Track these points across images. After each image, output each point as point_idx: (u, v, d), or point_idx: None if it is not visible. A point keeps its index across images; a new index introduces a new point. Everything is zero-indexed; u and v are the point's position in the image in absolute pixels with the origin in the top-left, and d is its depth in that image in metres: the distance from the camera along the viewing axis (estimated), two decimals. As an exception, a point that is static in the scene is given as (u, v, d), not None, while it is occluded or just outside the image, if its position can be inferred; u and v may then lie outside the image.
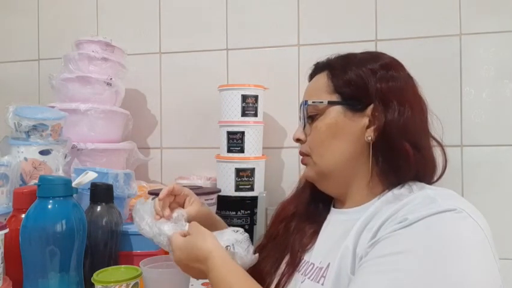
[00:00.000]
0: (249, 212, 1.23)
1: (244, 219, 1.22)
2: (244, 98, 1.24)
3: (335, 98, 0.66)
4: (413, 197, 0.56)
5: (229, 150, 1.25)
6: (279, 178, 1.41)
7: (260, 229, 1.19)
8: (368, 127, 0.64)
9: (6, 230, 0.69)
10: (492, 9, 1.27)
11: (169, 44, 1.51)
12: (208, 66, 1.47)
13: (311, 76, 0.75)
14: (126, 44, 1.37)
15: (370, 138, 0.63)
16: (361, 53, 0.71)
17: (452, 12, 1.29)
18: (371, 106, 0.63)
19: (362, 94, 0.64)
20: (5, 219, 0.79)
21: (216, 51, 1.46)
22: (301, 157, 0.72)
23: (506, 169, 1.25)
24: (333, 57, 0.72)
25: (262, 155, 1.30)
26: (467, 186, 1.27)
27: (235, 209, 1.22)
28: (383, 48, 1.31)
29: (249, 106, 1.25)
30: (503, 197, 1.25)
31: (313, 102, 0.68)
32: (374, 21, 1.34)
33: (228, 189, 1.23)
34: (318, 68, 0.73)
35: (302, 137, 0.70)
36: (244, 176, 1.23)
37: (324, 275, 0.60)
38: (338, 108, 0.66)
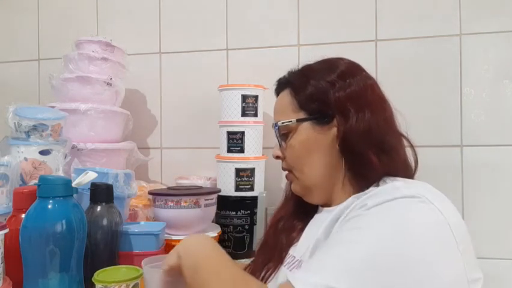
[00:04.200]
0: (249, 212, 1.23)
1: (244, 219, 1.22)
2: (244, 98, 1.24)
3: (301, 115, 0.69)
4: (381, 188, 0.59)
5: (229, 150, 1.25)
6: (279, 178, 1.40)
7: (260, 229, 1.19)
8: (337, 137, 0.66)
9: (6, 230, 0.69)
10: (492, 9, 1.27)
11: (169, 44, 1.50)
12: (208, 66, 1.47)
13: (277, 91, 0.77)
14: (126, 44, 1.37)
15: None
16: (318, 63, 0.72)
17: (452, 12, 1.29)
18: (336, 117, 0.66)
19: (325, 107, 0.66)
20: (5, 219, 0.79)
21: (216, 51, 1.46)
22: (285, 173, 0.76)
23: (506, 169, 1.25)
24: (293, 71, 0.75)
25: (262, 155, 1.30)
26: (467, 186, 1.26)
27: (235, 209, 1.22)
28: (383, 48, 1.33)
29: (249, 106, 1.25)
30: (503, 197, 1.24)
31: (282, 123, 0.70)
32: (374, 21, 1.34)
33: (228, 189, 1.23)
34: (282, 84, 0.76)
35: (280, 154, 0.74)
36: (244, 176, 1.23)
37: (301, 265, 0.64)
38: (306, 125, 0.68)
